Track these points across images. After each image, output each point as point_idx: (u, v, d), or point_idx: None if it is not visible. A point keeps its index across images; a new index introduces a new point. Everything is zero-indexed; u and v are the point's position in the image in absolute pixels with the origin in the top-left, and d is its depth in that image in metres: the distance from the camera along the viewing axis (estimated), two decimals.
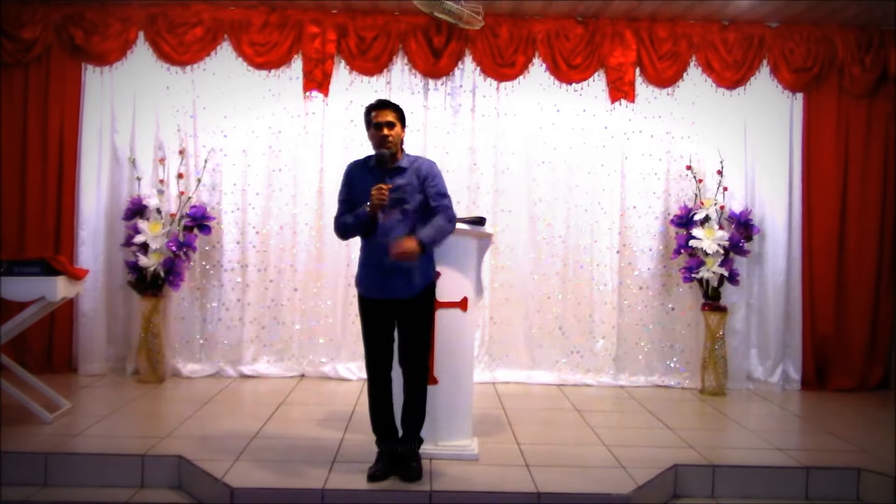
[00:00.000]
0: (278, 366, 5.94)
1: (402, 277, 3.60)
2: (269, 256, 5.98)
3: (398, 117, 3.69)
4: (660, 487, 3.79)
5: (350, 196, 3.71)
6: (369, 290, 3.68)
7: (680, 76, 5.98)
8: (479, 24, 5.22)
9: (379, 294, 3.65)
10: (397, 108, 3.71)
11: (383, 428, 3.75)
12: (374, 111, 3.68)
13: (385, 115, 3.65)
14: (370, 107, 3.73)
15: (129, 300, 5.87)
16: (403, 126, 3.73)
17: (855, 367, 5.96)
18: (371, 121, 3.68)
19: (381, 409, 3.75)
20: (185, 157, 5.87)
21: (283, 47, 5.86)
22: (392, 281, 3.60)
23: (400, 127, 3.69)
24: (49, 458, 3.82)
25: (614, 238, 5.99)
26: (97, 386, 5.48)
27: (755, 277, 6.00)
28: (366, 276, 3.69)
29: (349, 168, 3.80)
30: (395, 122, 3.65)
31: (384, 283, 3.62)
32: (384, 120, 3.64)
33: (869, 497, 3.90)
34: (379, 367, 3.72)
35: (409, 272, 3.60)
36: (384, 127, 3.63)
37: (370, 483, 3.59)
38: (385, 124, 3.63)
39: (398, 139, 3.68)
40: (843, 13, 5.70)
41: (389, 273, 3.59)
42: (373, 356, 3.72)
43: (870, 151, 5.99)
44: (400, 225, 3.60)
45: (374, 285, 3.66)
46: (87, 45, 5.74)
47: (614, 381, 5.93)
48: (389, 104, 3.71)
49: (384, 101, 3.74)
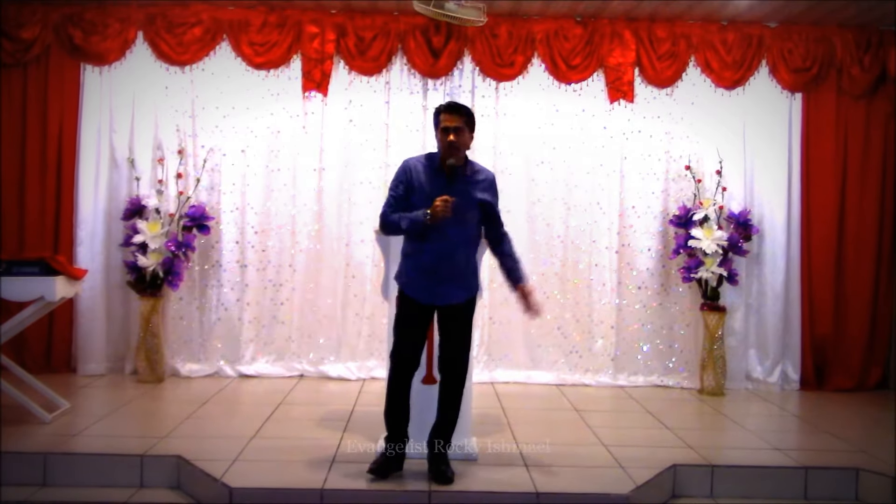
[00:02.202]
0: (277, 366, 5.93)
1: (456, 285, 3.62)
2: (268, 256, 5.97)
3: (467, 122, 3.60)
4: (659, 487, 3.79)
5: (406, 193, 3.62)
6: (417, 292, 3.63)
7: (679, 76, 5.99)
8: (481, 20, 5.16)
9: (428, 299, 3.63)
10: (468, 113, 3.63)
11: (398, 430, 3.72)
12: (443, 114, 3.60)
13: (453, 119, 3.56)
14: (439, 108, 3.64)
15: (127, 300, 5.86)
16: (472, 131, 3.66)
17: (854, 368, 5.97)
18: (439, 123, 3.60)
19: (400, 410, 3.71)
20: (184, 157, 5.87)
21: (282, 47, 5.86)
22: (445, 287, 3.61)
23: (468, 133, 3.62)
24: (48, 458, 3.82)
25: (613, 238, 5.99)
26: (96, 386, 5.48)
27: (754, 277, 6.01)
28: (415, 277, 3.64)
29: (409, 164, 3.70)
30: (462, 127, 3.57)
31: (436, 289, 3.60)
32: (452, 125, 3.55)
33: (868, 497, 3.90)
34: (407, 367, 3.68)
35: (461, 281, 3.62)
36: (452, 133, 3.54)
37: (370, 475, 3.59)
38: (453, 129, 3.55)
39: (465, 146, 3.62)
40: (842, 13, 5.70)
41: (443, 280, 3.59)
42: (403, 356, 3.66)
43: (869, 151, 5.99)
44: (457, 233, 3.58)
45: (424, 289, 3.62)
46: (86, 45, 5.74)
47: (613, 381, 5.93)
48: (460, 108, 3.62)
49: (454, 105, 3.65)
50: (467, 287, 3.68)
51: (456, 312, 3.66)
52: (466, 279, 3.67)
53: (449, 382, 3.70)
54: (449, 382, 3.70)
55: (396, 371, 3.69)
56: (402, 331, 3.67)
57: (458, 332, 3.67)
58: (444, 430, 3.72)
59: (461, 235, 3.61)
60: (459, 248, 3.63)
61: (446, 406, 3.71)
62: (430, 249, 3.59)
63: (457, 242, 3.60)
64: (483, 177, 3.72)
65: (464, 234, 3.63)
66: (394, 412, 3.72)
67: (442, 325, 3.68)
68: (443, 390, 3.72)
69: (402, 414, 3.73)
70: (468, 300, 3.69)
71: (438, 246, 3.56)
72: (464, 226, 3.61)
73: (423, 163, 3.70)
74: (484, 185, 3.70)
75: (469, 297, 3.69)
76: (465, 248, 3.66)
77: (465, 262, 3.66)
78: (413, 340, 3.67)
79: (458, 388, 3.71)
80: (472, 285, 3.71)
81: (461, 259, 3.64)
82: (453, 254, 3.60)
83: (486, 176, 3.75)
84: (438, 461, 3.67)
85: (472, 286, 3.70)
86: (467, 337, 3.70)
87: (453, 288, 3.62)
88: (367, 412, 4.81)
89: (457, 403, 3.72)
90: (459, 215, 3.55)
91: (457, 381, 3.70)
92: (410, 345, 3.67)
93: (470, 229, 3.66)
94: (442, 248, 3.57)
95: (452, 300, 3.63)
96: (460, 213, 3.55)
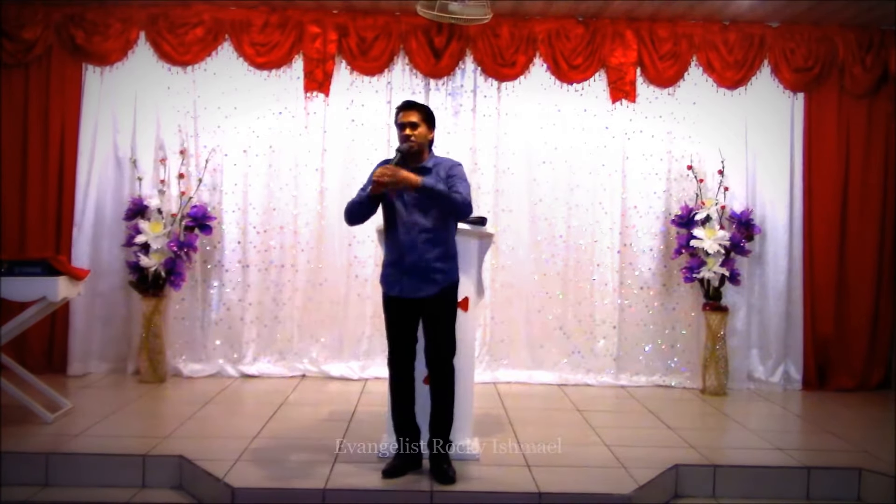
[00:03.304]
0: (279, 366, 5.94)
1: (424, 276, 3.61)
2: (270, 256, 5.97)
3: (423, 118, 3.72)
4: (661, 487, 3.79)
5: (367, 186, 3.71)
6: (391, 287, 3.68)
7: (681, 76, 5.98)
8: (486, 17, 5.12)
9: (400, 293, 3.65)
10: (423, 109, 3.76)
11: (405, 428, 3.74)
12: (400, 112, 3.74)
13: (409, 115, 3.70)
14: (397, 107, 3.78)
15: (129, 300, 5.86)
16: (431, 127, 3.76)
17: (856, 367, 5.96)
18: (397, 121, 3.74)
19: (403, 408, 3.73)
20: (186, 158, 5.87)
21: (284, 47, 5.86)
22: (413, 280, 3.61)
23: (426, 128, 3.72)
24: (50, 458, 3.82)
25: (615, 238, 5.99)
26: (98, 386, 5.48)
27: (756, 277, 6.00)
28: (389, 273, 3.70)
29: (380, 164, 3.78)
30: (419, 122, 3.69)
31: (405, 282, 3.63)
32: (407, 120, 3.69)
33: (870, 497, 3.90)
34: (401, 366, 3.71)
35: (431, 271, 3.61)
36: (407, 127, 3.68)
37: (385, 479, 3.60)
38: (408, 125, 3.68)
39: (423, 139, 3.70)
40: (843, 13, 5.69)
41: (410, 271, 3.61)
42: (395, 355, 3.72)
43: (870, 151, 5.99)
44: (420, 224, 3.60)
45: (396, 283, 3.66)
46: (87, 45, 5.74)
47: (615, 380, 5.93)
48: (414, 105, 3.77)
49: (409, 103, 3.79)
50: (435, 280, 3.63)
51: (432, 305, 3.64)
52: (435, 272, 3.62)
53: (435, 378, 3.70)
54: (435, 378, 3.70)
55: (392, 371, 3.75)
56: (390, 330, 3.74)
57: (434, 326, 3.66)
58: (439, 428, 3.71)
59: (424, 227, 3.61)
60: (425, 241, 3.61)
61: (436, 403, 3.71)
62: (395, 242, 3.66)
63: (420, 234, 3.60)
64: (444, 165, 3.75)
65: (427, 226, 3.62)
66: (399, 413, 3.74)
67: (423, 319, 3.69)
68: (431, 387, 3.73)
69: (408, 414, 3.73)
70: (441, 293, 3.64)
71: (403, 239, 3.61)
72: (427, 217, 3.62)
73: (390, 160, 3.74)
74: (444, 173, 3.69)
75: (439, 290, 3.64)
76: (431, 241, 3.62)
77: (433, 255, 3.62)
78: (401, 338, 3.70)
79: (445, 383, 3.70)
80: (443, 278, 3.65)
81: (427, 251, 3.61)
82: (417, 246, 3.60)
83: (447, 163, 3.77)
84: (440, 461, 3.67)
85: (442, 279, 3.64)
86: (447, 331, 3.68)
87: (420, 281, 3.62)
88: (369, 412, 4.82)
89: (447, 400, 3.71)
90: (421, 208, 3.60)
91: (442, 376, 3.69)
92: (399, 343, 3.70)
93: (434, 220, 3.63)
94: (406, 240, 3.61)
95: (421, 293, 3.62)
96: (421, 205, 3.59)
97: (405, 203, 3.64)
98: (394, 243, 3.68)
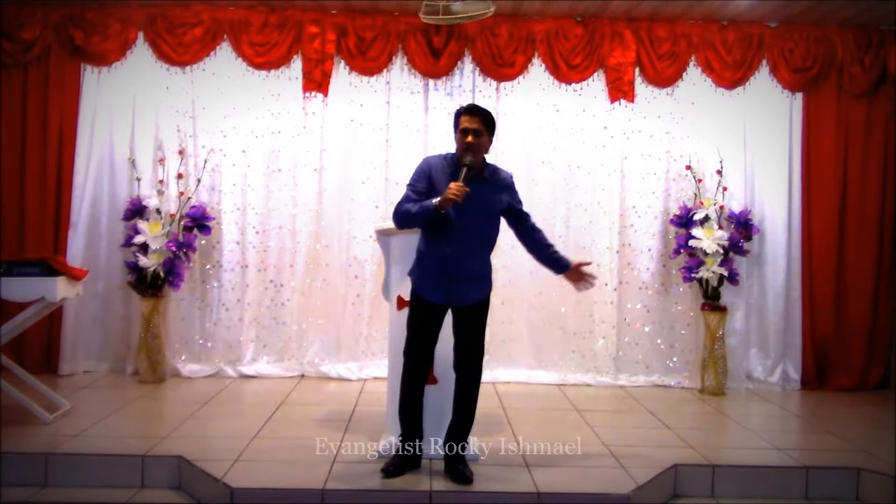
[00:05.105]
0: (278, 366, 5.93)
1: (470, 286, 3.62)
2: (269, 256, 5.97)
3: (486, 126, 3.61)
4: (660, 487, 3.79)
5: (429, 190, 3.59)
6: (430, 292, 3.63)
7: (679, 76, 5.99)
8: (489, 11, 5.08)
9: (446, 300, 3.63)
10: (487, 115, 3.64)
11: (411, 428, 3.73)
12: (464, 115, 3.61)
13: (473, 121, 3.58)
14: (460, 110, 3.66)
15: (128, 300, 5.86)
16: (491, 135, 3.66)
17: (854, 367, 5.97)
18: (459, 124, 3.62)
19: (413, 409, 3.72)
20: (185, 158, 5.87)
21: (283, 47, 5.86)
22: (460, 288, 3.60)
23: (488, 136, 3.62)
24: (49, 458, 3.82)
25: (614, 238, 5.99)
26: (97, 386, 5.47)
27: (755, 277, 6.01)
28: (429, 277, 3.63)
29: (430, 162, 3.70)
30: (482, 130, 3.58)
31: (450, 290, 3.60)
32: (472, 127, 3.57)
33: (869, 497, 3.90)
34: (420, 368, 3.70)
35: (476, 281, 3.63)
36: (470, 134, 3.56)
37: (384, 479, 3.60)
38: (472, 131, 3.56)
39: (482, 148, 3.62)
40: (842, 13, 5.70)
41: (457, 281, 3.59)
42: (418, 358, 3.68)
43: (869, 151, 5.99)
44: (472, 234, 3.59)
45: (437, 289, 3.61)
46: (86, 45, 5.74)
47: (614, 380, 5.93)
48: (479, 111, 3.63)
49: (473, 107, 3.66)
50: (481, 288, 3.68)
51: (470, 313, 3.66)
52: (480, 280, 3.67)
53: (464, 383, 3.71)
54: (464, 383, 3.71)
55: (411, 369, 3.70)
56: (416, 330, 3.68)
57: (471, 332, 3.67)
58: (461, 430, 3.72)
59: (477, 237, 3.62)
60: (475, 250, 3.63)
61: (462, 406, 3.72)
62: (445, 250, 3.58)
63: (472, 244, 3.61)
64: (501, 177, 3.74)
65: (479, 236, 3.64)
66: (408, 411, 3.72)
67: (456, 325, 3.69)
68: (457, 391, 3.73)
69: (417, 412, 3.74)
70: (481, 301, 3.69)
71: (454, 247, 3.57)
72: (480, 227, 3.62)
73: (441, 162, 3.69)
74: (502, 185, 3.71)
75: (482, 297, 3.69)
76: (480, 249, 3.67)
77: (480, 263, 3.67)
78: (426, 339, 3.67)
79: (473, 388, 3.72)
80: (486, 287, 3.71)
81: (476, 260, 3.65)
82: (469, 255, 3.60)
83: (504, 176, 3.76)
84: (456, 462, 3.67)
85: (485, 287, 3.71)
86: (481, 337, 3.71)
87: (468, 289, 3.63)
88: (368, 412, 4.82)
89: (473, 403, 3.74)
90: (475, 216, 3.57)
91: (471, 381, 3.71)
92: (424, 343, 3.67)
93: (486, 231, 3.66)
94: (457, 249, 3.57)
95: (466, 301, 3.64)
96: (476, 213, 3.57)
97: (459, 212, 3.53)
98: (442, 251, 3.59)
